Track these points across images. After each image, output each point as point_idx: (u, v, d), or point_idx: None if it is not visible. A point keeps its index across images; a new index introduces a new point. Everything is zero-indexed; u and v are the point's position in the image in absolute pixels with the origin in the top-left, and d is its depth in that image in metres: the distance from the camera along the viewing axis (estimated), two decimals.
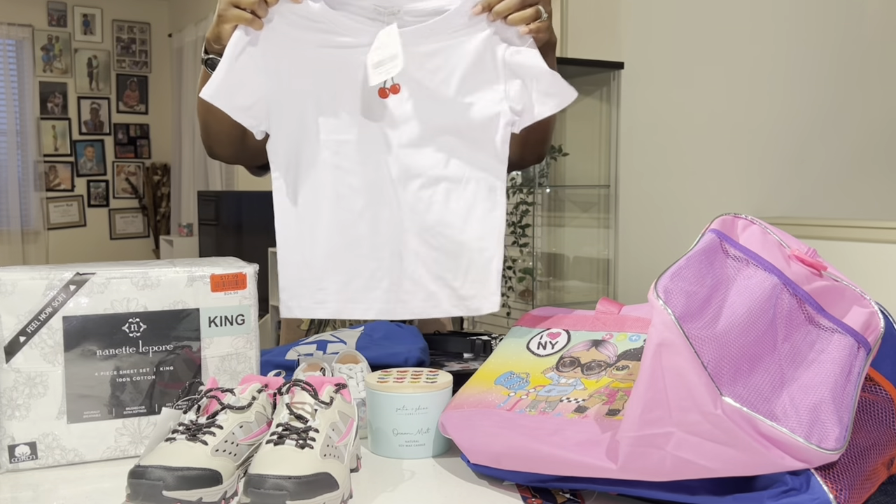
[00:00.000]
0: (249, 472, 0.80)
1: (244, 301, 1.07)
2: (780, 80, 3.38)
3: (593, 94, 3.13)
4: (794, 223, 2.96)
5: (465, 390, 1.02)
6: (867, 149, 3.66)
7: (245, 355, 1.07)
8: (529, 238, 3.12)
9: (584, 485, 0.86)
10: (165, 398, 1.02)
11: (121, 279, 1.00)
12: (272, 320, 4.52)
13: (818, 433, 0.73)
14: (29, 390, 0.97)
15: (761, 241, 0.85)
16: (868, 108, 3.64)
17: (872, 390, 0.86)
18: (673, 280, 0.76)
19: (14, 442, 0.97)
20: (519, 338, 1.07)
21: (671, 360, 0.72)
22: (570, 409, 0.89)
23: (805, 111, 3.46)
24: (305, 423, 0.86)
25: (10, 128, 6.50)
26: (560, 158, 3.19)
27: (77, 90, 6.83)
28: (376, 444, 1.03)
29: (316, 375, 0.95)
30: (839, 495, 0.75)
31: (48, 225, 6.71)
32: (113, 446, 1.01)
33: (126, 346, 1.00)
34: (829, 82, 3.52)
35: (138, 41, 7.08)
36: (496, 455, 0.89)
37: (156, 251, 6.98)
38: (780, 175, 3.42)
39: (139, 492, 0.80)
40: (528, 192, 3.10)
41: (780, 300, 0.81)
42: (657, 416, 0.74)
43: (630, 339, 0.97)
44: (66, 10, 6.74)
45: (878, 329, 0.84)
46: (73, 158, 6.81)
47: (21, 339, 0.97)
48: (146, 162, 7.13)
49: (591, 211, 3.17)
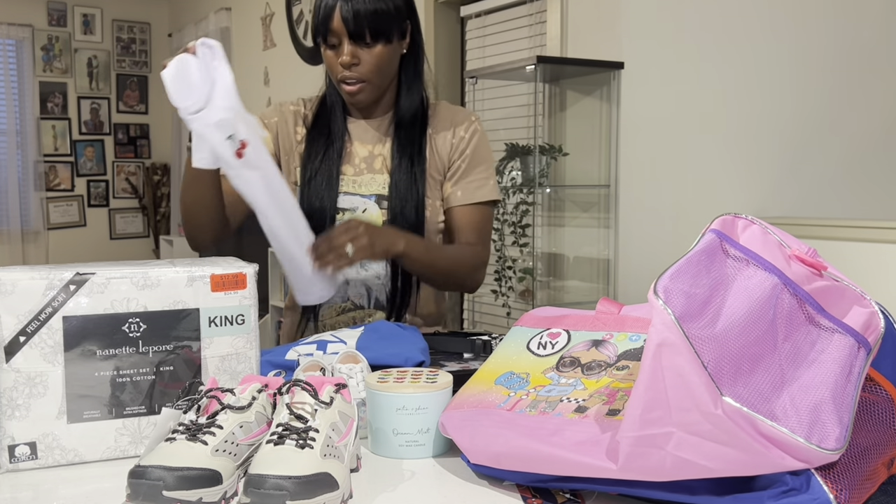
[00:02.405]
0: (249, 472, 0.80)
1: (244, 301, 1.07)
2: (780, 79, 3.38)
3: (593, 94, 3.13)
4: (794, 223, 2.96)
5: (465, 390, 1.02)
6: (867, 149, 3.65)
7: (245, 355, 1.07)
8: (529, 238, 3.12)
9: (584, 485, 0.86)
10: (165, 398, 1.02)
11: (121, 279, 1.00)
12: (272, 320, 4.52)
13: (818, 433, 0.73)
14: (29, 390, 0.97)
15: (761, 241, 0.85)
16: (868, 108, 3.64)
17: (873, 390, 0.86)
18: (673, 280, 0.76)
19: (14, 442, 0.97)
20: (519, 338, 1.07)
21: (671, 360, 0.72)
22: (571, 409, 0.89)
23: (805, 111, 3.46)
24: (305, 423, 0.86)
25: (10, 128, 6.50)
26: (560, 158, 3.19)
27: (77, 90, 6.83)
28: (376, 444, 1.03)
29: (316, 375, 0.95)
30: (839, 495, 0.75)
31: (48, 225, 6.71)
32: (113, 446, 1.01)
33: (126, 346, 1.00)
34: (830, 82, 3.52)
35: (138, 41, 7.08)
36: (496, 455, 0.89)
37: (156, 251, 6.98)
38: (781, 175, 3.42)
39: (139, 492, 0.80)
40: (528, 192, 3.10)
41: (780, 300, 0.81)
42: (657, 416, 0.74)
43: (630, 339, 0.97)
44: (66, 10, 6.73)
45: (879, 329, 0.84)
46: (73, 158, 6.81)
47: (21, 339, 0.97)
48: (146, 162, 7.13)
49: (591, 211, 3.17)
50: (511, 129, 3.44)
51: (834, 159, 3.57)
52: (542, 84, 3.25)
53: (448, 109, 1.69)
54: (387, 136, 1.65)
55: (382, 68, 1.54)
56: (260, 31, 5.53)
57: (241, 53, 5.82)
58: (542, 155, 3.07)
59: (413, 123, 1.63)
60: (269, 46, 5.44)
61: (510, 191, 3.14)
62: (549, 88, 3.28)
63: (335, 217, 1.60)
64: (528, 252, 3.14)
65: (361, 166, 1.64)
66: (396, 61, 1.58)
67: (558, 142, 3.22)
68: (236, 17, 5.88)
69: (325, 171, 1.61)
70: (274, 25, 5.35)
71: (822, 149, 3.53)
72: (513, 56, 3.48)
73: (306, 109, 1.68)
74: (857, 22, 3.58)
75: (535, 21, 3.39)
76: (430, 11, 3.91)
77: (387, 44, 1.52)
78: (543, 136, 3.23)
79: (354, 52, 1.50)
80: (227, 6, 5.95)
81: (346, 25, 1.48)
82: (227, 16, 5.95)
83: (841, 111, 3.57)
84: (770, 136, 3.37)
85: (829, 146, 3.55)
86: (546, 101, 3.28)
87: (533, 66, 2.89)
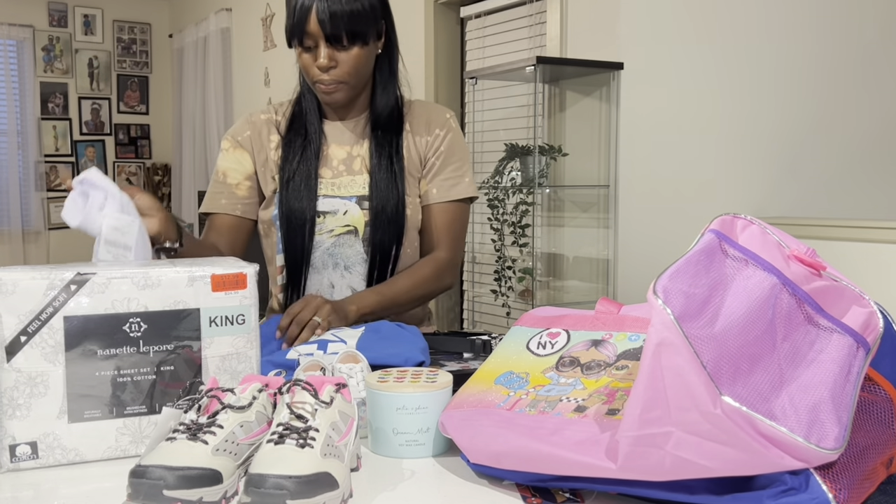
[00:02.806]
0: (250, 472, 0.80)
1: (244, 301, 1.07)
2: (780, 79, 3.38)
3: (593, 94, 3.13)
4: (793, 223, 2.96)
5: (465, 390, 1.02)
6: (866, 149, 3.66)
7: (245, 355, 1.08)
8: (529, 238, 3.12)
9: (583, 484, 0.86)
10: (166, 398, 1.02)
11: (121, 279, 1.01)
12: None
13: (817, 433, 0.73)
14: (30, 390, 0.97)
15: (760, 241, 0.85)
16: (867, 108, 3.65)
17: (871, 390, 0.87)
18: (672, 280, 0.76)
19: (15, 441, 0.97)
20: (518, 338, 1.07)
21: (670, 360, 0.73)
22: (570, 409, 0.89)
23: (804, 111, 3.46)
24: (306, 423, 0.86)
25: (11, 128, 6.50)
26: (560, 158, 3.20)
27: (78, 90, 6.83)
28: (376, 444, 1.03)
29: (316, 375, 0.96)
30: (838, 495, 0.75)
31: (49, 225, 6.71)
32: (113, 446, 1.01)
33: (127, 346, 1.01)
34: (829, 82, 3.52)
35: (139, 41, 7.08)
36: (496, 454, 0.89)
37: None
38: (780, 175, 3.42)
39: (140, 491, 0.80)
40: (527, 193, 3.10)
41: (779, 300, 0.81)
42: (656, 416, 0.74)
43: (629, 338, 0.98)
44: (66, 11, 6.74)
45: (878, 329, 0.84)
46: (73, 158, 6.81)
47: (22, 339, 0.97)
48: (147, 162, 7.13)
49: (591, 211, 3.17)
50: (511, 129, 3.45)
51: (832, 159, 3.57)
52: (542, 84, 3.25)
53: (423, 107, 1.69)
54: (363, 136, 1.64)
55: (360, 70, 1.53)
56: (260, 32, 5.53)
57: (242, 54, 5.82)
58: (542, 155, 3.07)
59: (389, 122, 1.63)
60: (269, 47, 5.44)
61: (510, 191, 3.15)
62: (548, 89, 3.28)
63: (315, 220, 1.60)
64: (527, 252, 3.14)
65: (340, 168, 1.63)
66: (372, 62, 1.58)
67: (558, 142, 3.22)
68: (236, 17, 5.88)
69: (304, 171, 1.61)
70: (274, 26, 5.35)
71: (821, 149, 3.53)
72: (513, 57, 3.48)
73: (278, 116, 1.68)
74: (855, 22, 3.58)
75: (535, 22, 3.39)
76: (430, 12, 3.92)
77: (363, 45, 1.51)
78: (543, 137, 3.23)
79: (331, 54, 1.50)
80: (227, 7, 5.95)
81: (322, 28, 1.47)
82: (228, 16, 5.96)
83: (839, 111, 3.58)
84: (769, 136, 3.37)
85: (828, 146, 3.55)
86: (546, 101, 3.28)
87: (533, 66, 2.90)
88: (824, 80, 3.51)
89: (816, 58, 3.47)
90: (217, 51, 6.04)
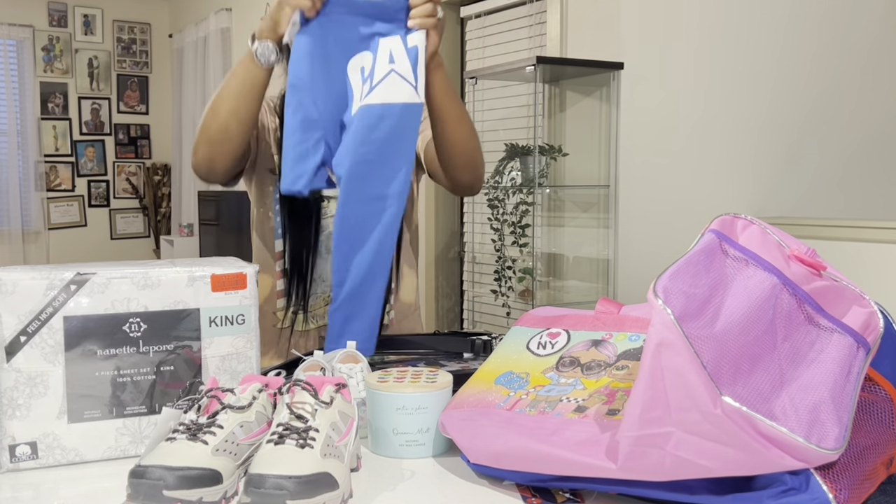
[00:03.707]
0: (250, 472, 0.80)
1: (244, 301, 1.07)
2: (780, 79, 3.38)
3: (593, 94, 3.13)
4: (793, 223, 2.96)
5: (465, 390, 1.02)
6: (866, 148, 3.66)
7: (245, 355, 1.08)
8: (529, 238, 3.12)
9: (583, 484, 0.86)
10: (166, 398, 1.02)
11: (121, 279, 1.01)
12: None
13: (818, 433, 0.73)
14: (29, 390, 0.97)
15: (761, 241, 0.85)
16: (867, 108, 3.65)
17: (872, 390, 0.87)
18: (672, 280, 0.76)
19: (15, 442, 0.97)
20: (519, 338, 1.07)
21: (671, 360, 0.73)
22: (570, 409, 0.89)
23: (804, 111, 3.46)
24: (306, 423, 0.86)
25: (11, 128, 6.50)
26: (560, 158, 3.20)
27: (78, 90, 6.83)
28: (376, 444, 1.03)
29: (316, 375, 0.96)
30: (838, 495, 0.75)
31: (49, 225, 6.71)
32: (113, 446, 1.01)
33: (126, 346, 1.01)
34: (829, 82, 3.52)
35: (139, 41, 7.08)
36: (496, 455, 0.89)
37: (156, 251, 6.98)
38: (780, 175, 3.42)
39: (140, 491, 0.80)
40: (527, 193, 3.10)
41: (779, 300, 0.81)
42: (657, 416, 0.74)
43: (630, 339, 0.98)
44: (66, 11, 6.74)
45: (878, 329, 0.84)
46: (73, 158, 6.81)
47: (22, 339, 0.97)
48: (147, 162, 7.13)
49: (591, 211, 3.17)
50: (511, 129, 3.45)
51: (833, 159, 3.57)
52: (542, 84, 3.25)
53: None
54: None
55: None
56: None
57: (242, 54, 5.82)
58: (542, 155, 3.07)
59: None
60: None
61: (510, 191, 3.15)
62: (548, 89, 3.28)
63: (321, 206, 1.59)
64: (527, 252, 3.14)
65: None
66: None
67: (558, 142, 3.22)
68: (236, 17, 5.88)
69: None
70: None
71: (821, 149, 3.53)
72: (513, 56, 3.48)
73: (278, 100, 1.67)
74: (855, 22, 3.58)
75: (535, 21, 3.39)
76: None
77: None
78: (543, 137, 3.23)
79: None
80: (227, 6, 5.95)
81: None
82: (228, 16, 5.96)
83: (839, 111, 3.58)
84: (769, 136, 3.37)
85: (828, 146, 3.55)
86: (546, 101, 3.28)
87: (533, 66, 2.90)
88: (824, 80, 3.51)
89: (816, 57, 3.47)
90: (217, 51, 6.04)
